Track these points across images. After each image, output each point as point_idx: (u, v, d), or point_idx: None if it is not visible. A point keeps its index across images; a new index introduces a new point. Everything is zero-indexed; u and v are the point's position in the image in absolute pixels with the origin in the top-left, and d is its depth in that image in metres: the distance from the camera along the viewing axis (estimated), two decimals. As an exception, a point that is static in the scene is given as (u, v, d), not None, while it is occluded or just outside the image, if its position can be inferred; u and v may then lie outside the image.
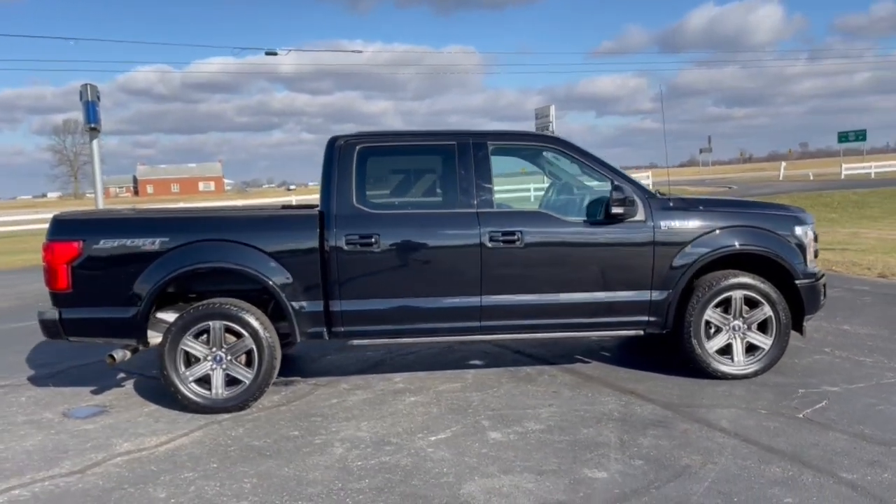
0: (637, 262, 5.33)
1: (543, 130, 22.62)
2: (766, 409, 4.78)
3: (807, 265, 5.50)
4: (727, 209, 5.56)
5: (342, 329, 5.28)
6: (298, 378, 6.02)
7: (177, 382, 5.11)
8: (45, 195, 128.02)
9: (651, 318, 5.41)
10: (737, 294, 5.38)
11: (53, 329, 5.16)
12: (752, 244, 5.39)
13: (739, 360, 5.44)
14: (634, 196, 5.26)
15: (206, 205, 28.15)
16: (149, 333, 5.19)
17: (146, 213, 5.86)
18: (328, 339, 5.34)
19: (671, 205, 5.42)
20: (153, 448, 4.56)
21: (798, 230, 5.53)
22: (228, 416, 5.10)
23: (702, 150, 76.68)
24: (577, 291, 5.33)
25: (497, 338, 5.49)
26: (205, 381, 5.19)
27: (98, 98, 15.26)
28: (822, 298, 5.61)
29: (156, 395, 5.65)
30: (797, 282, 5.43)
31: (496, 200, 5.36)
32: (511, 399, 5.23)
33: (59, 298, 5.13)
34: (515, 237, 5.23)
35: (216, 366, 5.16)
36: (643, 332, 5.49)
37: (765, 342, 5.43)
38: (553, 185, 6.01)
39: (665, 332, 5.51)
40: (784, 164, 55.76)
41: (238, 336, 5.17)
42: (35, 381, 6.27)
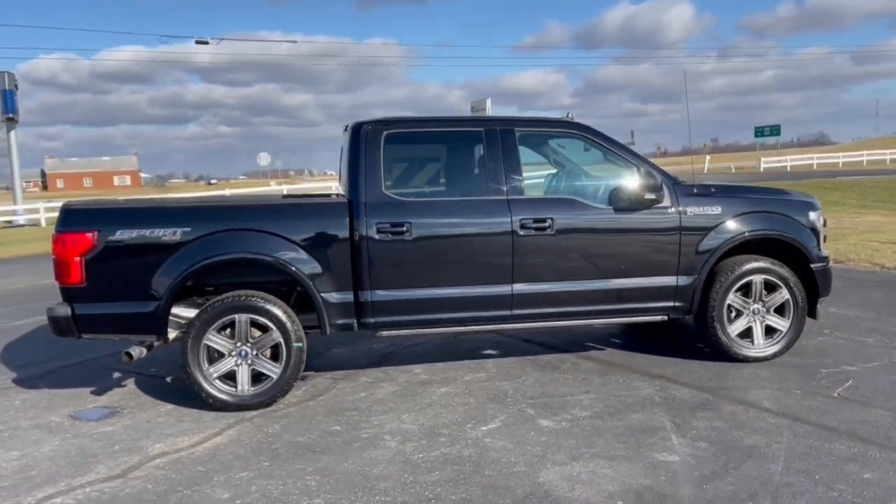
0: (664, 248, 5.37)
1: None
2: (800, 390, 4.89)
3: (820, 249, 5.67)
4: (747, 195, 5.68)
5: (372, 320, 5.13)
6: (311, 372, 5.82)
7: (201, 380, 4.86)
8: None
9: (677, 304, 5.46)
10: (757, 278, 5.50)
11: (65, 326, 4.82)
12: (774, 229, 5.52)
13: (759, 343, 5.56)
14: (662, 182, 5.30)
15: (216, 194, 27.15)
16: None
17: (164, 203, 5.56)
18: (357, 331, 5.18)
19: (695, 191, 5.49)
20: (189, 448, 4.32)
21: (812, 215, 5.69)
22: (256, 414, 4.88)
23: (626, 144, 78.55)
24: (606, 278, 5.34)
25: (526, 326, 5.44)
26: (228, 378, 4.95)
27: (16, 87, 14.46)
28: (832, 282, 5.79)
29: (166, 394, 5.37)
30: (812, 265, 5.59)
31: (524, 187, 5.31)
32: (544, 387, 5.19)
33: (72, 293, 4.80)
34: (547, 224, 5.19)
35: (241, 361, 4.93)
36: (667, 318, 5.54)
37: (783, 325, 5.57)
38: (577, 172, 5.99)
39: (688, 317, 5.58)
40: (709, 158, 57.74)
41: (264, 330, 4.96)
42: (23, 384, 5.86)
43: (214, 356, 4.93)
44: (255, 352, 4.94)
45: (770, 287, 5.54)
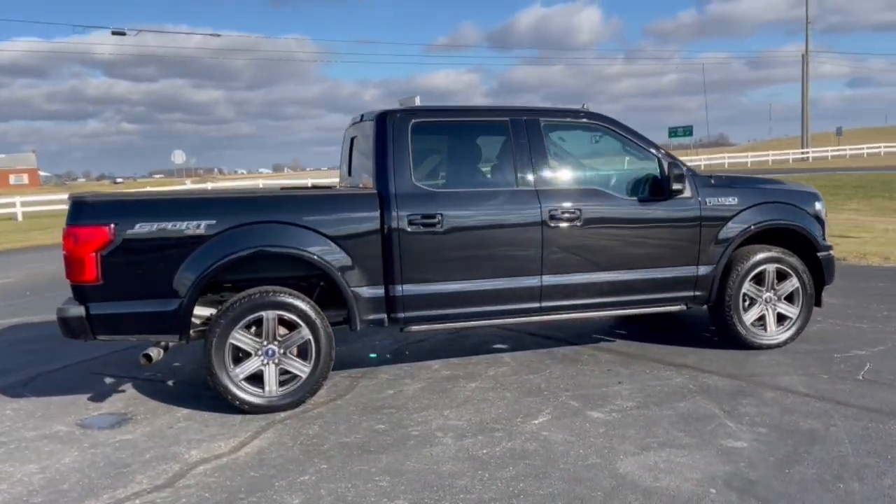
0: (686, 238, 5.42)
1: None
2: (825, 374, 5.02)
3: (824, 238, 5.85)
4: (761, 186, 5.80)
5: (402, 315, 4.96)
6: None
7: (227, 382, 4.58)
8: None
9: (697, 293, 5.53)
10: (770, 267, 5.62)
11: (78, 327, 4.45)
12: (787, 219, 5.66)
13: (772, 331, 5.68)
14: (685, 172, 5.35)
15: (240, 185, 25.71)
16: None
17: (184, 194, 5.21)
18: (387, 326, 5.01)
19: (712, 181, 5.57)
20: (230, 454, 4.06)
21: (817, 205, 5.87)
22: (286, 415, 4.65)
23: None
24: (631, 269, 5.35)
25: (554, 318, 5.38)
26: (253, 379, 4.70)
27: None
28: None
29: (175, 399, 5.07)
30: (819, 254, 5.76)
31: (552, 178, 5.26)
32: (573, 380, 5.15)
33: (86, 292, 4.44)
34: (575, 215, 5.16)
35: (268, 360, 4.68)
36: (686, 307, 5.60)
37: (792, 312, 5.71)
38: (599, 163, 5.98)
39: (706, 306, 5.66)
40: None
41: (291, 327, 4.73)
42: (6, 392, 5.40)
43: (239, 356, 4.67)
44: (283, 350, 4.70)
45: (781, 276, 5.68)
